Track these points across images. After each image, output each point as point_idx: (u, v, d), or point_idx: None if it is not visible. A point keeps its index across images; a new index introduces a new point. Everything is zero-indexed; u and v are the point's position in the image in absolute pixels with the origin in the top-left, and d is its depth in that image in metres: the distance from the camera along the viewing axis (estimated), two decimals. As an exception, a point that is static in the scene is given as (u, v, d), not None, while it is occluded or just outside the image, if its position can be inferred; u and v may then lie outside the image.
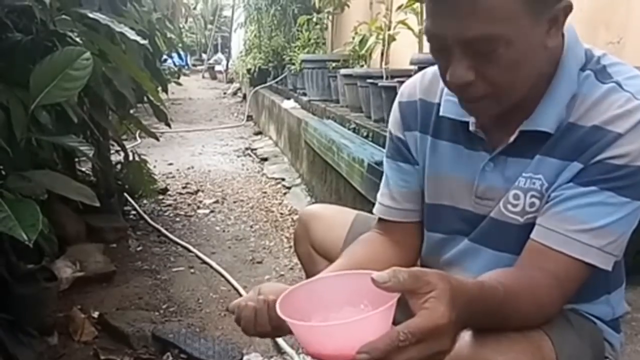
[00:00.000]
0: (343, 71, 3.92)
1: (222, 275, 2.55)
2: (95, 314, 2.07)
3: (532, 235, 0.91)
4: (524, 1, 0.80)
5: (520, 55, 0.83)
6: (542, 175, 0.92)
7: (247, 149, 5.81)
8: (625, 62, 0.94)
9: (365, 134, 3.12)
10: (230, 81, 12.15)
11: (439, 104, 1.04)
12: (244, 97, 9.22)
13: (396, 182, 1.13)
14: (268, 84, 7.10)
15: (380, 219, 1.16)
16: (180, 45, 4.61)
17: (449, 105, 1.01)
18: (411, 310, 0.70)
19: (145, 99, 2.88)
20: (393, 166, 1.14)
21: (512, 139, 0.94)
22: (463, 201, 1.03)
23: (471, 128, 0.98)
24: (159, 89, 2.97)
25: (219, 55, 16.15)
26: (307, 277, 1.45)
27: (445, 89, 1.02)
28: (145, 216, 3.33)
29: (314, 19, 5.53)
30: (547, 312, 0.88)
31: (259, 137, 6.55)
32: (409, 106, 1.10)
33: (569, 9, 0.85)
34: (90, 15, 1.66)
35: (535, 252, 0.90)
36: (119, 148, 3.05)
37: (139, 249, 2.88)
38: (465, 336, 0.82)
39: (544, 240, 0.89)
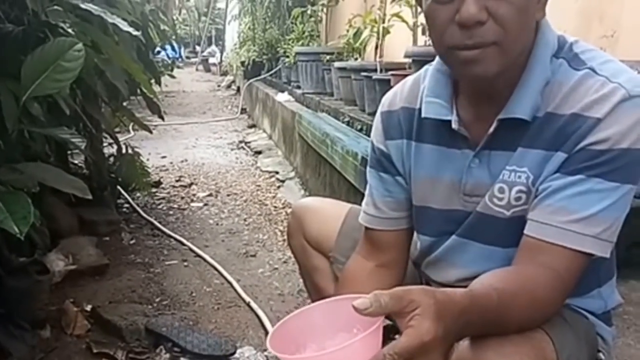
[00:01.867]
0: (337, 64, 3.91)
1: (216, 269, 2.55)
2: (88, 307, 2.07)
3: (525, 231, 0.90)
4: None
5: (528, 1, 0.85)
6: (526, 167, 0.92)
7: (240, 142, 5.80)
8: (596, 48, 0.95)
9: (359, 127, 3.12)
10: (224, 74, 12.11)
11: (419, 109, 1.04)
12: (238, 89, 9.20)
13: (379, 192, 1.13)
14: (262, 76, 7.08)
15: (366, 228, 1.16)
16: (173, 37, 4.59)
17: (429, 107, 1.01)
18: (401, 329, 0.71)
19: (138, 91, 2.86)
20: (375, 176, 1.15)
21: (491, 129, 0.94)
22: (451, 201, 1.03)
23: (454, 126, 0.98)
24: (152, 81, 2.96)
25: (213, 47, 16.09)
26: (301, 270, 1.45)
27: (425, 92, 1.02)
28: (139, 209, 3.32)
29: (309, 12, 5.52)
30: (548, 309, 0.87)
31: (252, 130, 6.54)
32: (391, 115, 1.11)
33: None
34: (83, 6, 1.64)
35: (531, 248, 0.89)
36: (111, 141, 3.04)
37: (132, 242, 2.87)
38: (467, 340, 0.82)
39: (537, 234, 0.88)
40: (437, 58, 1.03)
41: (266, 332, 1.98)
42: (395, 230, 1.13)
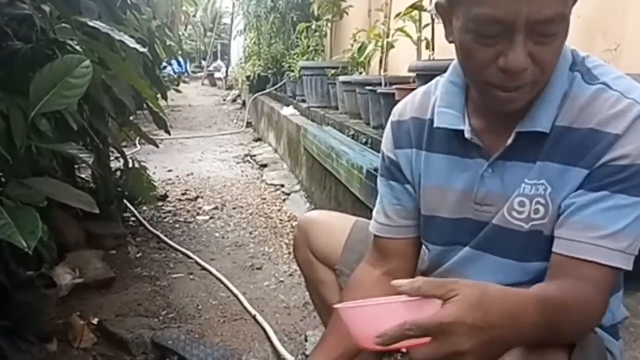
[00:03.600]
0: (342, 78, 3.93)
1: (222, 282, 2.55)
2: (95, 321, 2.07)
3: (554, 249, 0.90)
4: None
5: (566, 36, 0.85)
6: (545, 180, 0.92)
7: (246, 155, 5.82)
8: (606, 64, 0.96)
9: (364, 140, 3.13)
10: (230, 88, 12.17)
11: (431, 120, 1.05)
12: (244, 104, 9.24)
13: (389, 201, 1.14)
14: (267, 91, 7.11)
15: (376, 236, 1.17)
16: (179, 52, 4.62)
17: (442, 117, 1.02)
18: None
19: (144, 106, 2.88)
20: (385, 184, 1.16)
21: (509, 141, 0.94)
22: (462, 210, 1.03)
23: (467, 136, 0.99)
24: (159, 96, 2.98)
25: (219, 62, 16.19)
26: (307, 283, 1.46)
27: (438, 102, 1.03)
28: (145, 223, 3.33)
29: (313, 27, 5.55)
30: (593, 320, 0.88)
31: (258, 143, 6.56)
32: (401, 125, 1.12)
33: None
34: (90, 23, 1.66)
35: (561, 265, 0.89)
36: (118, 155, 3.06)
37: (138, 255, 2.88)
38: None
39: (567, 252, 0.88)
40: (450, 69, 1.05)
41: (272, 345, 1.98)
42: (404, 238, 1.14)
